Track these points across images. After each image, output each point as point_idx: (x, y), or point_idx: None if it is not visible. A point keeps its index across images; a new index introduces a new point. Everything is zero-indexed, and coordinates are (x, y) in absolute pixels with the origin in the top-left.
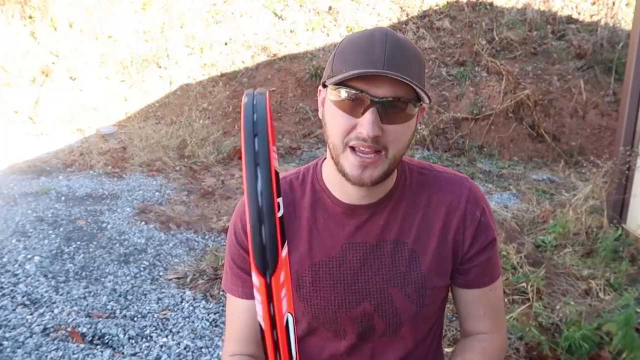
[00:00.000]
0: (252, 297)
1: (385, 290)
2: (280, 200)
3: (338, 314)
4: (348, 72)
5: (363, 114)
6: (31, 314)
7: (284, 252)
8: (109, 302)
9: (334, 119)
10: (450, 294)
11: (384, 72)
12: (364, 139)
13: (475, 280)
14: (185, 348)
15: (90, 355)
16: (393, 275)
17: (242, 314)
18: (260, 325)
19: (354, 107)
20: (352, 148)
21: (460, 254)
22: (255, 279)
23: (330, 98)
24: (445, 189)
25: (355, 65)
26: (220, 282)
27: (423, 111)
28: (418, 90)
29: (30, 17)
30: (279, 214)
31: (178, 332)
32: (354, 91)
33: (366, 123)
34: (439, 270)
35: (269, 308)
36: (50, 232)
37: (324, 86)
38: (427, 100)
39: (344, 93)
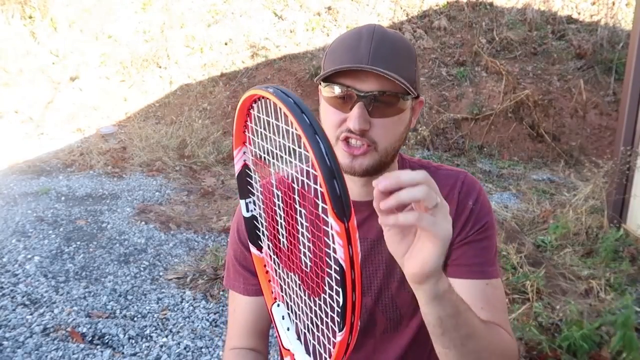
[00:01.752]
0: (253, 293)
1: (385, 285)
2: None
3: None
4: (331, 69)
5: (351, 108)
6: (31, 314)
7: None
8: (109, 302)
9: (326, 115)
10: None
11: (363, 67)
12: (351, 132)
13: (465, 268)
14: (185, 348)
15: (90, 355)
16: (393, 270)
17: (244, 309)
18: (342, 266)
19: (343, 102)
20: (344, 141)
21: (452, 243)
22: (335, 225)
23: (322, 95)
24: (442, 183)
25: (342, 62)
26: (221, 282)
27: (421, 105)
28: (402, 83)
29: (30, 17)
30: None
31: (178, 332)
32: (341, 87)
33: (353, 117)
34: None
35: (348, 250)
36: (50, 232)
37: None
38: (415, 93)
39: (333, 90)
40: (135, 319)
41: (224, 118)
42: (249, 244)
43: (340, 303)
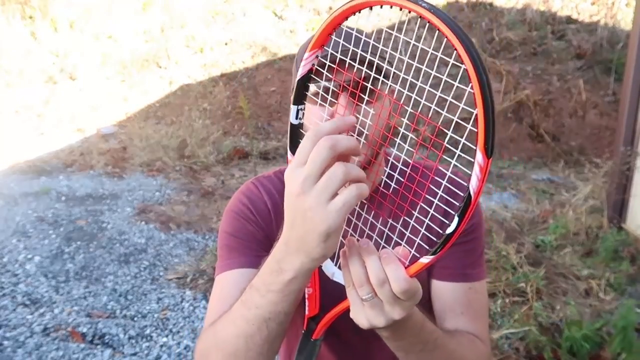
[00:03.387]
0: (247, 264)
1: None
2: None
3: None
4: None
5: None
6: (31, 314)
7: None
8: (109, 302)
9: (312, 116)
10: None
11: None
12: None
13: (448, 271)
14: (185, 348)
15: (91, 355)
16: None
17: (236, 282)
18: (471, 196)
19: (325, 99)
20: None
21: None
22: (481, 158)
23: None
24: (431, 182)
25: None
26: None
27: None
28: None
29: (31, 17)
30: None
31: (178, 332)
32: (322, 82)
33: (341, 108)
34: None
35: (482, 185)
36: (51, 232)
37: None
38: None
39: (313, 88)
40: (136, 318)
41: (224, 118)
42: (289, 152)
43: (452, 229)
